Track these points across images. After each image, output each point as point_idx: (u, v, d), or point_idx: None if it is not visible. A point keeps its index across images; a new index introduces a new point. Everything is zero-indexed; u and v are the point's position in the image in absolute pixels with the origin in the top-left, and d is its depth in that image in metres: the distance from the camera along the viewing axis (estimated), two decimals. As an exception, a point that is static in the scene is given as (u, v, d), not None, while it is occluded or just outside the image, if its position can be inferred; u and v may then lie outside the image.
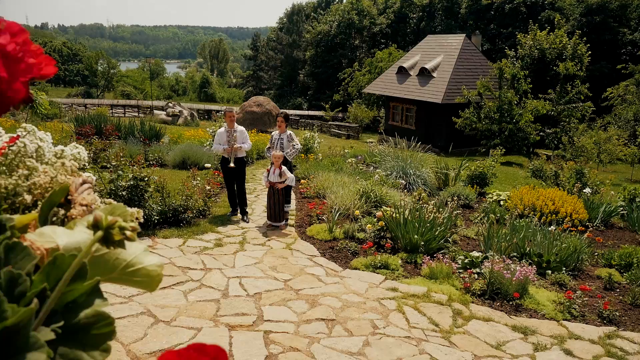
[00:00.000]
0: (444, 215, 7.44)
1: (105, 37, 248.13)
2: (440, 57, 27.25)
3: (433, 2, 47.32)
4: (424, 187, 11.01)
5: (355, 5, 49.71)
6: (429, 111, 26.38)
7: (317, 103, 47.06)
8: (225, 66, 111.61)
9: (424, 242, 6.75)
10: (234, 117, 8.06)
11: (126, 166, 6.59)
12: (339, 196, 8.86)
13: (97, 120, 15.14)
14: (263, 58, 62.57)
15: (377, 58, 39.24)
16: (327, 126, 35.21)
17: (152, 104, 42.98)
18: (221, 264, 5.90)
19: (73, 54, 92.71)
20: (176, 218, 7.22)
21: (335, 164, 12.84)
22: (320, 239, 7.24)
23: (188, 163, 12.42)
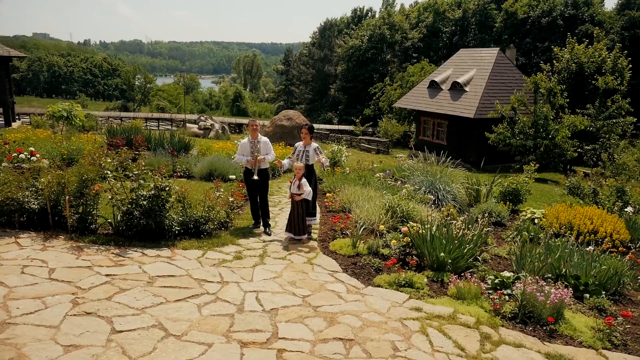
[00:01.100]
0: (474, 232, 7.10)
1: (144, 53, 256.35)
2: (473, 71, 26.77)
3: (466, 16, 46.83)
4: (454, 203, 10.64)
5: (386, 20, 49.72)
6: (461, 126, 25.86)
7: (348, 118, 47.02)
8: (258, 81, 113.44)
9: (452, 260, 6.43)
10: (257, 128, 7.97)
11: (148, 175, 6.55)
12: (364, 210, 8.62)
13: (128, 132, 15.41)
14: (294, 73, 63.17)
15: (408, 72, 38.96)
16: (357, 141, 35.02)
17: (185, 117, 43.85)
18: (239, 277, 5.74)
19: (112, 69, 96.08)
20: (197, 229, 7.13)
21: (362, 177, 12.60)
22: (343, 254, 7.01)
23: (215, 175, 12.43)
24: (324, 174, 13.34)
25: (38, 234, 6.45)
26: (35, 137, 14.91)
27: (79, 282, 5.04)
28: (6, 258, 5.53)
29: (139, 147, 13.15)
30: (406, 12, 54.81)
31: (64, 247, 6.08)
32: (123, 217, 6.53)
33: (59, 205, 6.63)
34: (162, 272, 5.60)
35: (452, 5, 49.73)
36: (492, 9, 45.00)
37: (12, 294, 4.64)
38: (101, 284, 5.09)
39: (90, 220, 6.70)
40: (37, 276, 5.10)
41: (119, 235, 6.64)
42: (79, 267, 5.45)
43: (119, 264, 5.69)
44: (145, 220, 6.44)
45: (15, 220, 6.59)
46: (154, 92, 76.34)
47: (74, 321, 4.23)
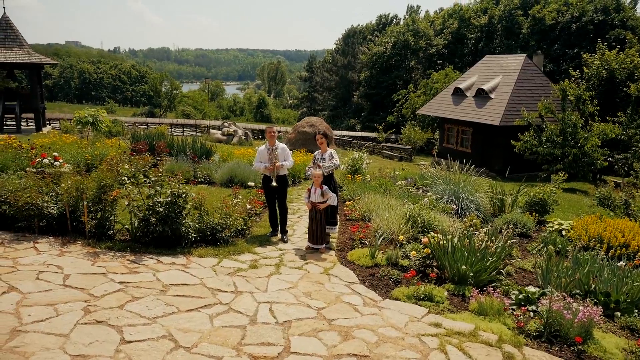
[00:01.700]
0: (497, 244, 6.84)
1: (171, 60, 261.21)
2: (499, 77, 26.27)
3: (492, 22, 46.15)
4: (477, 213, 10.35)
5: (411, 26, 49.40)
6: (486, 134, 25.37)
7: (371, 124, 46.77)
8: (282, 88, 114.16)
9: (474, 273, 6.19)
10: (274, 134, 7.89)
11: (165, 182, 6.53)
12: (384, 219, 8.44)
13: (151, 138, 15.58)
14: (318, 79, 63.31)
15: (432, 79, 38.54)
16: (380, 148, 34.74)
17: (209, 123, 44.34)
18: (253, 287, 5.64)
19: (140, 76, 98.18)
20: (214, 236, 7.07)
21: (383, 185, 12.40)
22: (361, 265, 6.84)
23: (235, 181, 12.44)
24: (344, 182, 13.19)
25: (56, 239, 6.49)
26: (62, 142, 15.20)
27: (92, 289, 5.02)
28: (23, 263, 5.57)
29: (160, 152, 13.26)
30: (431, 19, 54.38)
31: (81, 252, 6.09)
32: (139, 224, 6.52)
33: (78, 210, 6.67)
34: (176, 280, 5.54)
35: (478, 11, 49.09)
36: (519, 15, 44.22)
37: (26, 300, 4.64)
38: (114, 291, 5.05)
39: (107, 226, 6.72)
40: (51, 282, 5.10)
41: (136, 241, 6.63)
42: (93, 274, 5.43)
43: (133, 271, 5.66)
44: (162, 227, 6.41)
45: (34, 225, 6.65)
46: (180, 99, 77.58)
47: (84, 330, 4.19)
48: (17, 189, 6.53)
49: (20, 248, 6.06)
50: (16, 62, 25.89)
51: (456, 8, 51.35)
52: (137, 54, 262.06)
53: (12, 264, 5.50)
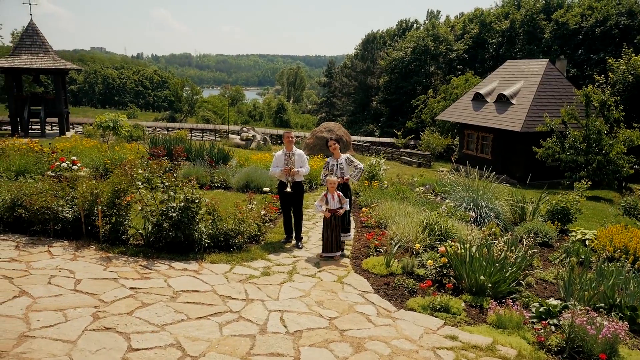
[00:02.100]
0: (517, 253, 6.63)
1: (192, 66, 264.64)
2: (520, 83, 25.81)
3: (514, 27, 45.50)
4: (497, 221, 10.09)
5: (431, 31, 49.02)
6: (507, 140, 24.92)
7: (389, 130, 46.48)
8: (301, 93, 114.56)
9: (492, 283, 5.99)
10: (292, 139, 7.82)
11: (178, 187, 6.50)
12: (401, 227, 8.27)
13: (169, 143, 15.69)
14: (337, 85, 63.30)
15: (452, 84, 38.13)
16: (398, 154, 34.47)
17: (229, 128, 44.65)
18: (265, 294, 5.54)
19: (162, 81, 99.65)
20: (227, 242, 7.01)
21: (400, 192, 12.22)
22: (376, 273, 6.69)
23: (251, 186, 12.41)
24: (360, 188, 13.05)
25: (71, 243, 6.51)
26: (83, 146, 15.43)
27: (102, 295, 4.99)
28: (36, 267, 5.58)
29: (178, 157, 13.35)
30: (451, 24, 53.94)
31: (94, 257, 6.09)
32: (153, 229, 6.49)
33: (93, 214, 6.69)
34: (187, 286, 5.48)
35: (499, 16, 48.51)
36: (541, 19, 43.51)
37: (35, 305, 4.63)
38: (124, 297, 5.01)
39: (121, 230, 6.72)
40: (62, 287, 5.09)
41: (149, 246, 6.61)
42: (104, 279, 5.41)
43: (145, 277, 5.62)
44: (175, 232, 6.37)
45: (50, 229, 6.68)
46: (200, 104, 78.46)
47: (92, 337, 4.14)
48: (33, 193, 6.58)
49: (35, 252, 6.09)
50: (42, 67, 26.48)
51: (477, 13, 50.83)
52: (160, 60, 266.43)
53: (25, 268, 5.52)
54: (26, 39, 27.44)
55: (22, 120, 26.54)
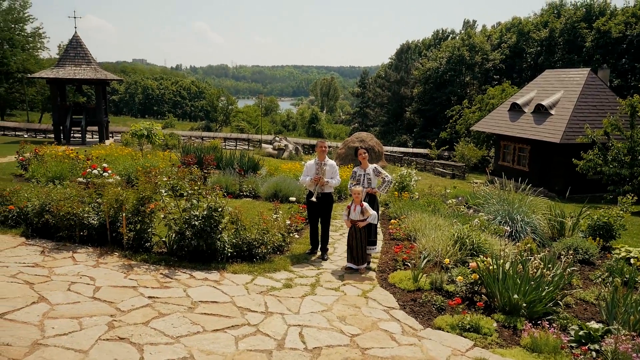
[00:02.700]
0: (555, 271, 6.22)
1: (229, 77, 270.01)
2: (560, 93, 24.92)
3: (553, 35, 44.21)
4: (533, 236, 9.61)
5: (466, 41, 48.21)
6: (545, 151, 24.04)
7: (423, 141, 45.81)
8: (334, 103, 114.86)
9: (527, 303, 5.62)
10: (325, 149, 7.66)
11: (201, 195, 6.43)
12: (430, 240, 7.96)
13: (200, 151, 15.83)
14: (370, 95, 63.06)
15: (488, 95, 37.26)
16: (432, 164, 33.85)
17: (261, 137, 45.03)
18: (285, 307, 5.36)
19: (199, 92, 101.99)
20: (250, 252, 6.88)
21: (431, 204, 11.87)
22: (402, 288, 6.41)
23: (279, 195, 12.33)
24: (390, 199, 12.75)
25: (95, 250, 6.53)
26: (117, 154, 15.76)
27: (120, 303, 4.93)
28: (58, 273, 5.59)
29: (208, 165, 13.42)
30: (488, 33, 52.95)
31: (116, 264, 6.07)
32: (175, 237, 6.44)
33: (118, 221, 6.70)
34: (205, 297, 5.36)
35: (538, 25, 47.26)
36: (582, 27, 42.12)
37: (52, 312, 4.60)
38: (141, 306, 4.93)
39: (145, 238, 6.69)
40: (81, 294, 5.06)
41: (172, 254, 6.55)
42: (124, 287, 5.36)
43: (164, 286, 5.54)
44: (197, 241, 6.29)
45: (76, 235, 6.73)
46: (234, 113, 79.70)
47: (105, 347, 4.06)
48: (60, 199, 6.65)
49: (59, 257, 6.12)
50: (84, 78, 27.45)
51: (515, 22, 49.74)
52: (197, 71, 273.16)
53: (47, 274, 5.54)
54: (70, 51, 28.55)
55: (64, 129, 27.51)
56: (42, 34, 47.55)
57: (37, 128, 40.23)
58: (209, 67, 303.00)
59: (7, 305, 4.59)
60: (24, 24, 45.64)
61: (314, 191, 7.48)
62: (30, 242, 6.61)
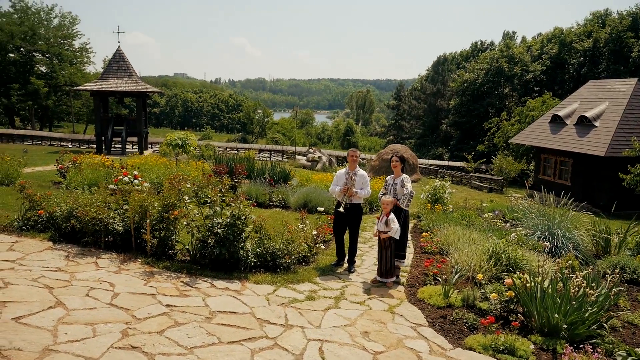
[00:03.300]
0: (600, 291, 5.75)
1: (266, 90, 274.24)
2: (605, 104, 23.83)
3: (597, 46, 42.60)
4: (576, 252, 9.04)
5: (505, 52, 47.11)
6: (589, 165, 22.97)
7: (459, 154, 44.80)
8: (370, 116, 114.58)
9: (568, 324, 5.19)
10: (356, 159, 7.43)
11: (224, 202, 6.31)
12: (463, 254, 7.57)
13: (233, 161, 15.91)
14: (405, 107, 62.46)
15: (528, 107, 36.12)
16: (468, 178, 32.97)
17: (295, 149, 45.18)
18: (306, 321, 5.13)
19: (237, 105, 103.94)
20: (274, 262, 6.70)
21: (466, 217, 11.41)
22: (432, 304, 6.07)
23: (309, 206, 12.17)
24: (423, 211, 12.36)
25: (119, 256, 6.50)
26: (152, 163, 16.02)
27: (136, 311, 4.82)
28: (79, 278, 5.56)
29: (238, 175, 13.43)
30: (528, 44, 51.58)
31: (138, 271, 6.01)
32: (197, 245, 6.34)
33: (143, 228, 6.66)
34: (224, 307, 5.20)
35: (581, 35, 45.65)
36: (629, 37, 40.39)
37: (68, 317, 4.53)
38: (158, 314, 4.81)
39: (169, 245, 6.63)
40: (99, 300, 4.99)
41: (195, 263, 6.45)
42: (143, 294, 5.26)
43: (183, 294, 5.42)
44: (219, 249, 6.16)
45: (101, 241, 6.73)
46: (270, 125, 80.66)
47: (116, 355, 3.93)
48: (86, 204, 6.69)
49: (82, 262, 6.12)
50: (125, 90, 28.35)
51: (556, 32, 48.26)
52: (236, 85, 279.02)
53: (68, 279, 5.52)
54: (113, 64, 29.60)
55: (105, 139, 28.40)
56: (89, 49, 49.66)
57: (81, 139, 41.73)
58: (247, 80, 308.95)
59: (24, 309, 4.56)
60: (72, 39, 47.76)
61: (342, 201, 7.26)
62: (57, 247, 6.65)
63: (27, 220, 7.32)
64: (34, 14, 45.14)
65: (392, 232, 6.74)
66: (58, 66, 46.40)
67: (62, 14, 46.83)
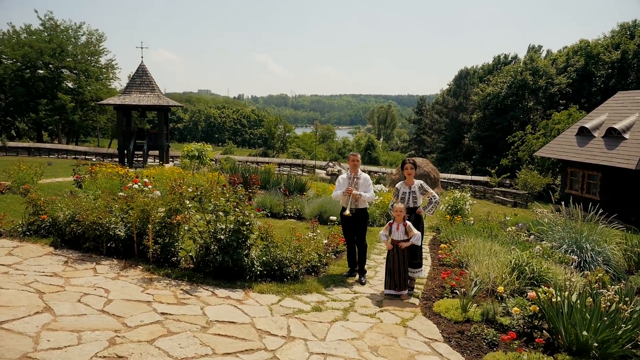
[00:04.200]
0: (634, 307, 5.23)
1: (288, 106, 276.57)
2: (634, 116, 22.96)
3: (625, 57, 41.48)
4: (606, 267, 8.46)
5: (529, 65, 46.27)
6: (618, 179, 22.06)
7: (482, 168, 43.88)
8: (392, 131, 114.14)
9: (599, 343, 4.70)
10: (357, 162, 7.12)
11: (227, 207, 6.02)
12: (484, 266, 7.11)
13: (247, 171, 15.74)
14: (427, 121, 61.86)
15: (553, 120, 35.21)
16: (492, 192, 32.18)
17: (315, 163, 45.03)
18: (310, 333, 4.76)
19: (259, 120, 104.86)
20: (281, 272, 6.37)
21: (487, 229, 10.89)
22: (449, 319, 5.63)
23: (324, 217, 11.84)
24: (442, 223, 11.87)
25: (120, 262, 6.26)
26: (167, 173, 15.95)
27: (128, 318, 4.53)
28: (74, 284, 5.32)
29: (252, 185, 13.20)
30: (553, 57, 50.60)
31: (137, 277, 5.75)
32: (200, 251, 6.05)
33: (146, 234, 6.43)
34: (223, 316, 4.87)
35: (608, 47, 44.57)
36: (660, 48, 39.28)
37: (53, 323, 4.26)
38: (151, 322, 4.51)
39: (172, 252, 6.37)
40: (90, 307, 4.72)
41: (198, 270, 6.16)
42: (138, 301, 4.98)
43: (181, 302, 5.12)
44: (222, 257, 5.86)
45: (102, 246, 6.52)
46: (291, 140, 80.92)
47: (98, 365, 3.65)
48: (87, 208, 6.50)
49: (80, 268, 5.89)
50: (147, 104, 28.66)
51: (582, 44, 47.22)
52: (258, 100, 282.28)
53: (62, 284, 5.28)
54: (136, 79, 30.01)
55: (128, 153, 28.71)
56: (114, 65, 50.80)
57: (104, 152, 42.44)
58: (270, 96, 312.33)
59: (8, 313, 4.32)
60: (99, 56, 48.93)
61: (346, 206, 6.93)
62: (57, 252, 6.46)
63: (31, 225, 7.18)
64: (63, 31, 46.48)
65: (415, 239, 6.36)
66: (85, 82, 47.55)
67: (89, 32, 48.13)
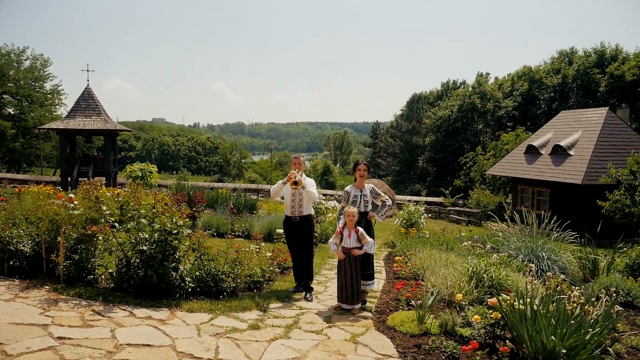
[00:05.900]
0: (598, 311, 4.83)
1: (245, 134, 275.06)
2: (578, 133, 23.76)
3: (566, 82, 43.64)
4: (563, 276, 8.16)
5: (477, 89, 47.91)
6: (566, 194, 22.59)
7: (437, 189, 44.49)
8: (348, 157, 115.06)
9: (567, 349, 4.23)
10: (300, 165, 6.54)
11: (150, 212, 5.27)
12: (441, 277, 6.61)
13: (192, 189, 14.93)
14: (382, 145, 62.59)
15: (502, 141, 36.23)
16: (446, 212, 32.44)
17: (271, 187, 44.30)
18: (242, 354, 4.03)
19: (214, 147, 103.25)
20: (217, 288, 5.61)
21: (444, 242, 10.51)
22: (404, 332, 5.04)
23: (274, 235, 11.13)
24: (397, 238, 11.43)
25: (22, 282, 5.33)
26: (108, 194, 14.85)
27: (11, 345, 3.67)
28: (-47, 308, 4.41)
29: (197, 203, 12.37)
30: (499, 82, 52.69)
31: (39, 299, 4.85)
32: (120, 266, 5.23)
33: (57, 249, 5.54)
34: (137, 339, 4.08)
35: (550, 72, 46.86)
36: (595, 73, 41.51)
37: None
38: (40, 349, 3.67)
39: (87, 268, 5.49)
40: (-37, 333, 3.85)
41: (119, 289, 5.32)
42: (30, 325, 4.12)
43: (88, 325, 4.29)
44: (144, 271, 5.05)
45: (2, 266, 5.57)
46: (247, 166, 79.93)
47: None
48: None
49: (-32, 290, 4.95)
50: (93, 128, 27.12)
51: (525, 70, 49.48)
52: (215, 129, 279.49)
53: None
54: (82, 102, 28.35)
55: (71, 179, 26.97)
56: (60, 90, 48.60)
57: (47, 180, 39.96)
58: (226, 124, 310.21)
59: None
60: (43, 81, 46.77)
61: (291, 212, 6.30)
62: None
63: None
64: (4, 55, 44.19)
65: (368, 247, 5.80)
66: (27, 108, 45.14)
67: (33, 56, 45.96)
